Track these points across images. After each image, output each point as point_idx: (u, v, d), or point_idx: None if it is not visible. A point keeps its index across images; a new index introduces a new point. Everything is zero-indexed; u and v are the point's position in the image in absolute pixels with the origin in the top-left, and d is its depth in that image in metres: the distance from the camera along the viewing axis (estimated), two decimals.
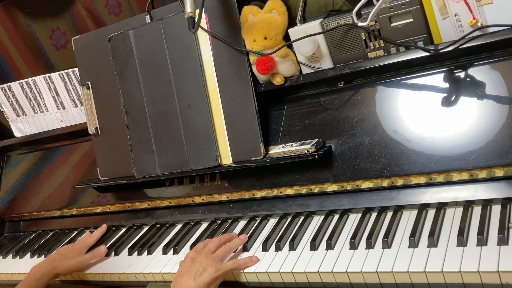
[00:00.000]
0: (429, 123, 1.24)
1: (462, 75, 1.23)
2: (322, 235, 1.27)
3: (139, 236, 1.62)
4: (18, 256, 1.80)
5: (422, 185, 1.24)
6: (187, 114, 1.52)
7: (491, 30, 1.17)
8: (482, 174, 1.17)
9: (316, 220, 1.36)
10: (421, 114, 1.26)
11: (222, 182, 1.54)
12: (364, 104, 1.34)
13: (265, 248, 1.31)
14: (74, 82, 1.86)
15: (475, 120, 1.19)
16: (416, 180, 1.24)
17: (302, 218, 1.38)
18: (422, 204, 1.24)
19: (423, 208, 1.23)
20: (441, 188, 1.23)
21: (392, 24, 1.27)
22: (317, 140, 1.35)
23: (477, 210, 1.15)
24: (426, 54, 1.23)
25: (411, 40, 1.26)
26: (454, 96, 1.23)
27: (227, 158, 1.48)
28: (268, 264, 1.25)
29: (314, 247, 1.24)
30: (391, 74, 1.31)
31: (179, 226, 1.61)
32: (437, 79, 1.26)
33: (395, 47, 1.29)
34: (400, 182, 1.26)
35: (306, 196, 1.40)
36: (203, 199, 1.57)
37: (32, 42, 1.91)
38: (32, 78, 1.93)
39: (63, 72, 1.87)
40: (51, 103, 1.95)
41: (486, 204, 1.16)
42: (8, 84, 1.99)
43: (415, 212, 1.23)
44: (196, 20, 1.27)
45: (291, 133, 1.43)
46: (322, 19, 1.35)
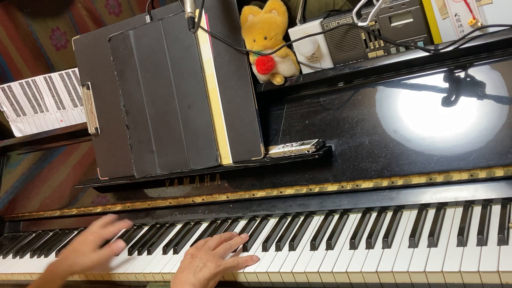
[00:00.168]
0: (429, 123, 1.24)
1: (462, 75, 1.23)
2: (322, 235, 1.27)
3: (139, 236, 1.62)
4: (18, 256, 1.80)
5: (422, 185, 1.24)
6: (187, 114, 1.52)
7: (491, 30, 1.17)
8: (482, 174, 1.16)
9: (316, 220, 1.36)
10: (421, 114, 1.26)
11: (222, 182, 1.53)
12: (364, 104, 1.34)
13: (265, 248, 1.31)
14: (74, 82, 1.86)
15: (475, 120, 1.19)
16: (416, 180, 1.24)
17: (302, 218, 1.38)
18: (422, 204, 1.24)
19: (423, 208, 1.23)
20: (441, 188, 1.22)
21: (392, 24, 1.27)
22: (317, 140, 1.35)
23: (477, 210, 1.15)
24: (426, 54, 1.22)
25: (411, 40, 1.26)
26: (454, 96, 1.23)
27: (227, 158, 1.48)
28: (268, 264, 1.25)
29: (314, 247, 1.24)
30: (391, 74, 1.31)
31: (179, 226, 1.61)
32: (437, 79, 1.26)
33: (395, 47, 1.29)
34: (400, 182, 1.26)
35: (306, 196, 1.40)
36: (203, 199, 1.57)
37: (32, 42, 1.90)
38: (32, 78, 1.93)
39: (63, 72, 1.87)
40: (51, 103, 1.94)
41: (486, 204, 1.16)
42: (8, 84, 1.99)
43: (415, 212, 1.23)
44: (196, 20, 1.27)
45: (291, 133, 1.43)
46: (322, 19, 1.35)
